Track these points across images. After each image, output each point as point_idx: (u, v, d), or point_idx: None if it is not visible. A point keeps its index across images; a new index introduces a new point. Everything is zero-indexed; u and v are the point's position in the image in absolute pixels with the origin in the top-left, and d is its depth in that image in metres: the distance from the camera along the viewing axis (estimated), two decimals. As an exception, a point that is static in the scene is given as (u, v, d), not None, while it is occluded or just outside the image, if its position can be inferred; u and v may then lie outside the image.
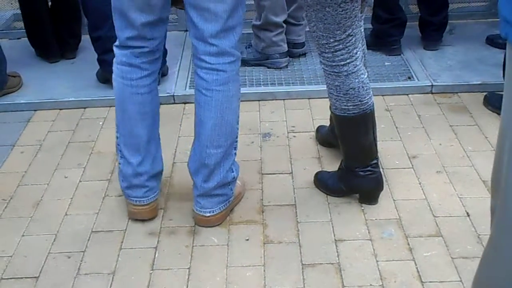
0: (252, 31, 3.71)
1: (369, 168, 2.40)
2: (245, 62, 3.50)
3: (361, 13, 2.27)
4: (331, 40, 2.16)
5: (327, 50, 2.20)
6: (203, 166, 2.31)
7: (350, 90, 2.23)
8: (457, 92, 3.37)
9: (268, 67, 3.67)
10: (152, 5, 2.12)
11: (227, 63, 2.20)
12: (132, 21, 2.15)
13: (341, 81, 2.23)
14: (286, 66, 3.67)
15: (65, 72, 3.72)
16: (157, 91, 2.36)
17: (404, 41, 3.83)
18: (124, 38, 2.22)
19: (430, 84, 3.41)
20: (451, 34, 3.97)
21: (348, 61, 2.20)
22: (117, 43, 2.26)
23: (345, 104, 2.26)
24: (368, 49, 2.86)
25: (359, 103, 2.25)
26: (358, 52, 2.22)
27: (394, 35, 3.74)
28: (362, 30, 2.38)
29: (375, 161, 2.40)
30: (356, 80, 2.23)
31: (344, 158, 2.47)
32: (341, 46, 2.18)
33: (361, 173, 2.41)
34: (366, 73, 2.27)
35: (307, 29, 2.74)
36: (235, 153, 2.37)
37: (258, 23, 3.59)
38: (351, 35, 2.17)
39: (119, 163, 2.41)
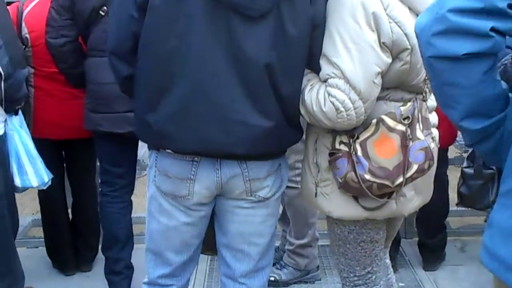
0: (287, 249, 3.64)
1: None
2: (284, 283, 3.56)
3: None
4: (351, 274, 2.24)
5: (347, 283, 2.27)
6: None
7: None
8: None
9: (305, 282, 3.63)
10: (190, 245, 2.19)
11: None
12: (167, 260, 2.21)
13: None
14: (320, 279, 3.67)
15: (80, 287, 3.71)
16: None
17: (417, 260, 3.83)
18: (155, 277, 2.26)
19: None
20: (463, 251, 3.97)
21: None
22: (146, 280, 2.30)
23: None
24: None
25: None
26: None
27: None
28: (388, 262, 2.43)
29: None
30: None
31: None
32: (361, 282, 2.25)
33: None
34: None
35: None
36: None
37: (303, 241, 3.53)
38: (371, 273, 2.24)
39: None
